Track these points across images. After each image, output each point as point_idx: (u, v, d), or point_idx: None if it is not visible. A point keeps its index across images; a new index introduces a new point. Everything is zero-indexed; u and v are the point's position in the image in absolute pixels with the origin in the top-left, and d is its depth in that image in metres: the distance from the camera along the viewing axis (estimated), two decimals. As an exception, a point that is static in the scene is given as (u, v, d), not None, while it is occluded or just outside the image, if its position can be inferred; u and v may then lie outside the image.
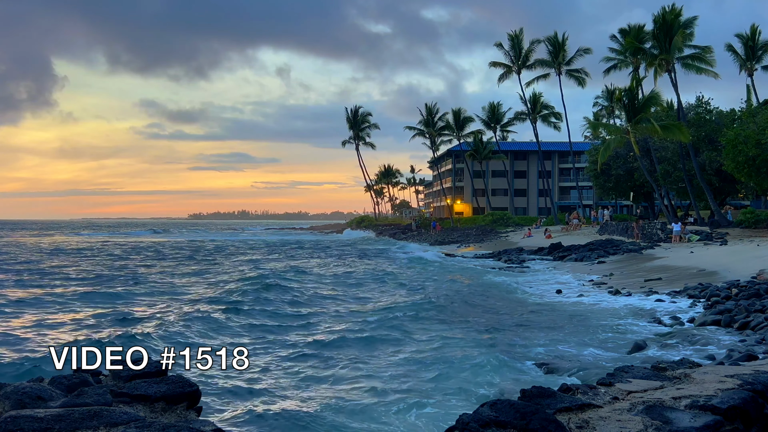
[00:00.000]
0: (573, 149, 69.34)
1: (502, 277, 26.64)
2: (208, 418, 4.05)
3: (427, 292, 21.58)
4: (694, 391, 3.86)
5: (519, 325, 14.50)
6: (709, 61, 42.65)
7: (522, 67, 70.47)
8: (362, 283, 25.18)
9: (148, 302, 19.25)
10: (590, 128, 68.26)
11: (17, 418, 3.30)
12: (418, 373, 9.99)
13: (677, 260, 27.13)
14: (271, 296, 20.05)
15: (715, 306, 15.43)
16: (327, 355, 11.44)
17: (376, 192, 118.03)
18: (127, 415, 3.46)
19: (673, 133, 39.50)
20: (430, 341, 12.58)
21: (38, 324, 14.73)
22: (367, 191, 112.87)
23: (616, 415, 3.53)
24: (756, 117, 36.07)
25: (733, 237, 33.47)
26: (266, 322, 15.29)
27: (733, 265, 23.03)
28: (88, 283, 24.80)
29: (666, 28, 41.47)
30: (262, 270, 30.31)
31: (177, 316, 15.38)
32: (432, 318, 15.67)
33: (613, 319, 14.94)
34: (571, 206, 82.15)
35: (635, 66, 46.76)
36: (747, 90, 50.41)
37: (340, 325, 14.71)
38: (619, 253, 32.83)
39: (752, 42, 48.75)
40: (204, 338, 13.25)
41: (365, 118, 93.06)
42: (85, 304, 18.52)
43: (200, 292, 21.88)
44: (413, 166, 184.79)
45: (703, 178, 41.55)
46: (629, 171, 51.06)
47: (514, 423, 3.30)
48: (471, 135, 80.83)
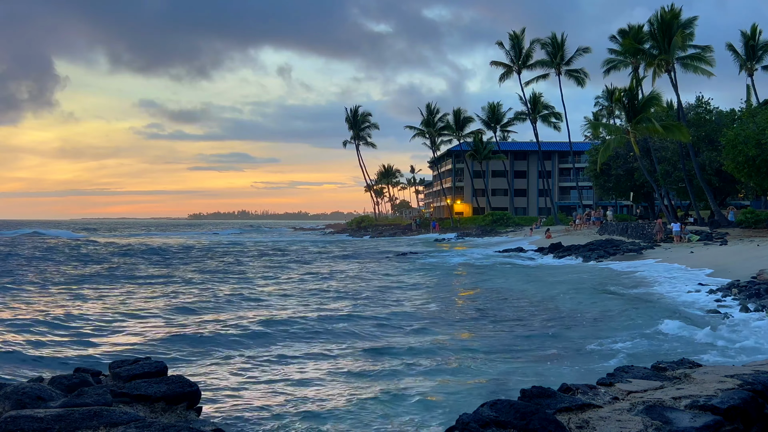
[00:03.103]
0: (573, 149, 69.36)
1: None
2: (208, 418, 4.06)
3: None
4: (694, 391, 3.86)
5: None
6: (709, 61, 42.65)
7: (522, 67, 70.52)
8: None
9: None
10: (590, 128, 68.26)
11: (17, 418, 3.30)
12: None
13: (677, 261, 27.13)
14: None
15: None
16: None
17: (376, 192, 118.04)
18: (127, 415, 3.46)
19: (673, 133, 39.51)
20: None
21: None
22: (367, 191, 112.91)
23: (616, 415, 3.53)
24: (756, 117, 36.06)
25: (733, 237, 33.47)
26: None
27: (733, 265, 23.03)
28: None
29: (665, 28, 41.48)
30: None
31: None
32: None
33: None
34: (571, 206, 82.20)
35: (635, 66, 46.76)
36: (747, 90, 50.46)
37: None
38: (619, 253, 32.81)
39: (753, 42, 48.77)
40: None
41: (365, 117, 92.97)
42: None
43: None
44: (413, 166, 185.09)
45: (703, 178, 41.56)
46: (629, 171, 51.07)
47: (514, 423, 3.30)
48: (471, 135, 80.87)
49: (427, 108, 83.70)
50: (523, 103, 73.48)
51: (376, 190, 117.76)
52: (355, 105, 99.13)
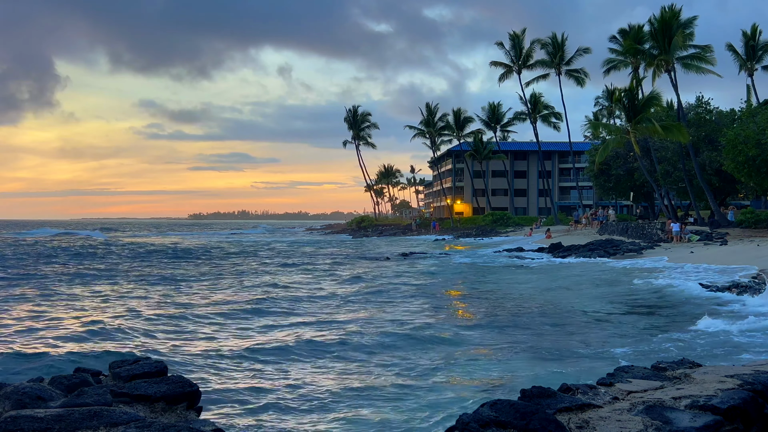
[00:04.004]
0: (573, 149, 69.36)
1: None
2: (208, 418, 4.06)
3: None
4: (694, 391, 3.86)
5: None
6: (709, 60, 42.64)
7: (522, 67, 70.50)
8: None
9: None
10: (590, 128, 68.30)
11: (17, 418, 3.30)
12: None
13: (676, 261, 27.12)
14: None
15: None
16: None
17: (376, 192, 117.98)
18: (127, 415, 3.46)
19: (673, 133, 39.50)
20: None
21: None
22: (367, 191, 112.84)
23: (616, 415, 3.53)
24: (756, 117, 36.08)
25: (733, 237, 33.47)
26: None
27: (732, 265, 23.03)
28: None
29: (665, 28, 41.47)
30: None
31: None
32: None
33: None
34: (571, 206, 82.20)
35: (635, 66, 46.76)
36: (747, 90, 50.47)
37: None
38: (619, 253, 32.81)
39: (753, 42, 48.75)
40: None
41: (365, 117, 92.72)
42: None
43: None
44: (413, 166, 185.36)
45: (703, 178, 41.55)
46: (629, 171, 51.07)
47: (514, 423, 3.30)
48: (471, 135, 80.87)
49: (427, 108, 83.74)
50: (523, 103, 73.56)
51: (376, 190, 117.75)
52: (354, 105, 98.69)
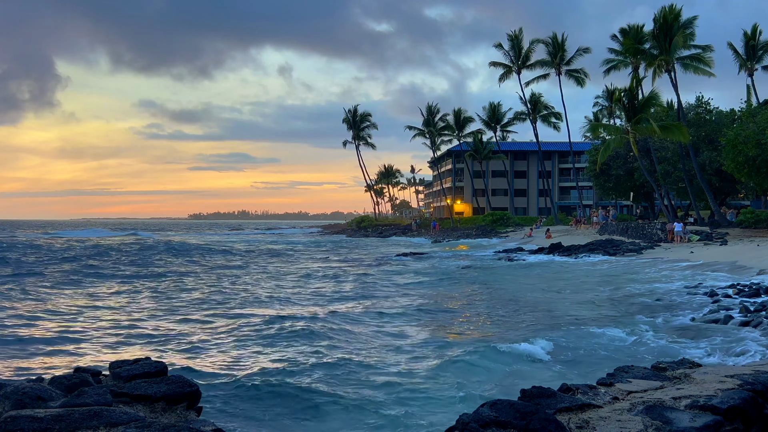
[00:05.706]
0: (573, 149, 69.36)
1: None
2: (208, 418, 4.06)
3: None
4: (694, 391, 3.86)
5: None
6: (708, 61, 42.65)
7: (522, 67, 70.47)
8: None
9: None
10: (590, 129, 68.27)
11: (17, 418, 3.30)
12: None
13: (675, 260, 27.12)
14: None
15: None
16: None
17: (376, 192, 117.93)
18: (127, 415, 3.46)
19: (673, 133, 39.50)
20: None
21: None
22: (367, 191, 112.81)
23: (616, 415, 3.53)
24: (756, 117, 36.09)
25: (733, 237, 33.47)
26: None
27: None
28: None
29: (666, 28, 41.48)
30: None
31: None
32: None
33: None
34: (571, 206, 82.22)
35: (635, 66, 46.77)
36: (747, 90, 50.45)
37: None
38: (619, 253, 32.81)
39: (753, 41, 48.74)
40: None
41: (365, 117, 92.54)
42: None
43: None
44: (413, 166, 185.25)
45: (703, 178, 41.55)
46: (629, 171, 51.07)
47: (515, 423, 3.30)
48: (471, 135, 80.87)
49: (427, 108, 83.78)
50: (523, 103, 73.54)
51: (376, 190, 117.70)
52: (354, 105, 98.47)
